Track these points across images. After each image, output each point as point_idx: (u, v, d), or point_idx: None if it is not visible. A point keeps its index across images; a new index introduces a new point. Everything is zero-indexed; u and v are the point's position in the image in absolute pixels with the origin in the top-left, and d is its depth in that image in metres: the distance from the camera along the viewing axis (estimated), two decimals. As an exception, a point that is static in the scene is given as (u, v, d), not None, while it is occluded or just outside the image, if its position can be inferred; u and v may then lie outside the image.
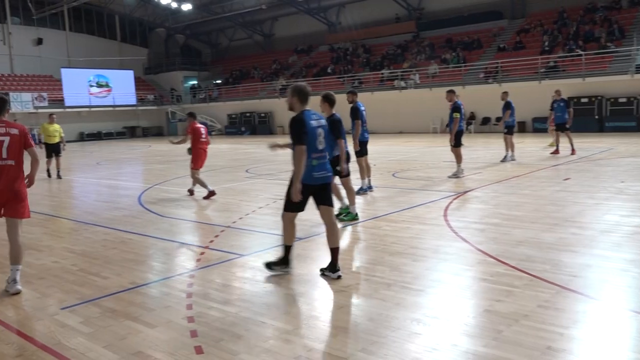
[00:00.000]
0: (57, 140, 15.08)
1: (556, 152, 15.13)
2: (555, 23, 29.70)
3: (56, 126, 15.16)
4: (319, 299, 4.73)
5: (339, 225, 6.31)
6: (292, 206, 5.10)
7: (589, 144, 15.45)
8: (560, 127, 15.11)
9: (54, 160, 15.06)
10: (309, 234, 6.85)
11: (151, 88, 45.99)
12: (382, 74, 32.96)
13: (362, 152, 9.51)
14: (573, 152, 14.77)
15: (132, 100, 42.07)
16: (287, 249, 5.25)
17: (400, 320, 4.03)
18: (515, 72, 27.22)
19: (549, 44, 28.14)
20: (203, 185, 10.07)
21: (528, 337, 3.67)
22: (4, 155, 4.91)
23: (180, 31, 49.02)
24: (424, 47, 34.00)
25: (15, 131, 4.99)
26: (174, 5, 40.45)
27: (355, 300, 4.63)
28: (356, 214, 7.68)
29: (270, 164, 15.10)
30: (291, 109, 5.24)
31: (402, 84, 31.10)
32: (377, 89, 31.64)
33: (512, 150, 14.45)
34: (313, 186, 5.06)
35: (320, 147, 5.10)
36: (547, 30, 29.41)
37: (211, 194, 10.00)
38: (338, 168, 6.85)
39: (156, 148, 27.33)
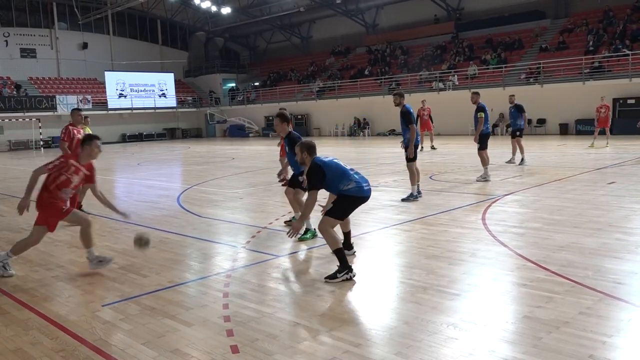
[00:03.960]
0: None
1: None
2: (601, 22, 28.81)
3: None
4: (354, 301, 4.71)
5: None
6: (339, 215, 5.31)
7: (636, 147, 14.89)
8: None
9: None
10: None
11: (191, 90, 46.89)
12: (420, 75, 32.66)
13: (415, 157, 9.26)
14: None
15: (172, 102, 42.97)
16: (339, 252, 5.18)
17: (437, 325, 3.98)
18: (558, 73, 26.55)
19: (593, 43, 27.33)
20: None
21: (569, 344, 3.56)
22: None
23: (220, 34, 49.88)
24: (463, 48, 33.52)
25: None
26: (214, 8, 41.14)
27: (390, 303, 4.59)
28: (314, 230, 6.79)
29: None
30: (302, 163, 5.55)
31: (441, 85, 30.74)
32: (414, 91, 31.37)
33: (522, 153, 13.99)
34: (363, 198, 5.36)
35: (349, 167, 5.40)
36: (591, 29, 28.56)
37: None
38: (301, 178, 6.66)
39: (195, 149, 27.81)
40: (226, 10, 41.44)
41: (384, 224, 7.58)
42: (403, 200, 9.29)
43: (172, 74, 44.11)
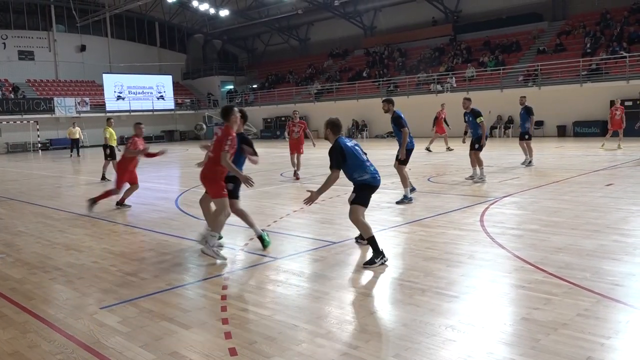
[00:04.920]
0: (114, 143, 15.86)
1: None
2: (598, 24, 28.90)
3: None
4: (352, 303, 4.71)
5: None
6: (364, 201, 5.81)
7: (634, 149, 14.91)
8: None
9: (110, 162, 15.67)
10: (341, 238, 6.85)
11: (189, 93, 46.87)
12: (418, 77, 32.70)
13: (406, 161, 9.36)
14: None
15: (171, 104, 42.94)
16: (372, 240, 5.68)
17: (435, 327, 3.98)
18: (555, 75, 26.61)
19: (590, 45, 27.40)
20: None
21: (567, 346, 3.57)
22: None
23: (218, 37, 49.91)
24: (461, 50, 33.59)
25: (220, 133, 6.10)
26: (212, 11, 41.16)
27: (388, 305, 4.59)
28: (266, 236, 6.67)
29: (305, 168, 15.16)
30: (326, 138, 5.99)
31: (439, 87, 30.78)
32: (412, 93, 31.41)
33: (531, 155, 14.04)
34: (377, 186, 5.91)
35: (365, 157, 5.88)
36: (589, 32, 28.65)
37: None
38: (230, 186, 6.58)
39: (193, 151, 27.77)
40: (224, 13, 41.45)
41: (382, 225, 7.59)
42: (397, 203, 9.30)
43: (170, 76, 44.09)
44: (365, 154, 5.97)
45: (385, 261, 5.64)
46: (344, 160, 5.67)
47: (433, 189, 11.00)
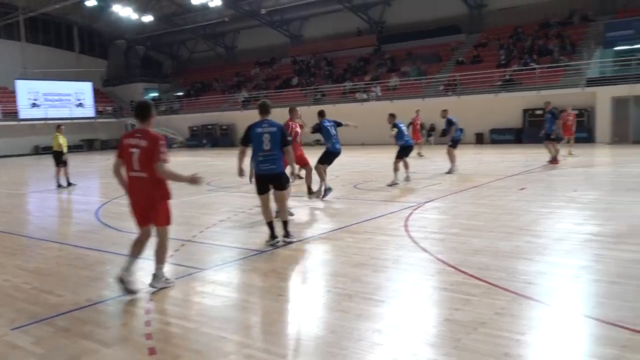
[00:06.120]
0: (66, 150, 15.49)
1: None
2: (511, 37, 30.65)
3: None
4: (280, 312, 4.70)
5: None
6: (258, 191, 6.86)
7: (544, 155, 15.91)
8: (547, 137, 15.43)
9: (62, 170, 15.34)
10: (269, 247, 6.82)
11: (110, 100, 45.14)
12: (344, 86, 33.27)
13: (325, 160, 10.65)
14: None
15: (91, 112, 41.16)
16: (270, 223, 6.84)
17: (362, 332, 4.04)
18: (473, 85, 27.91)
19: (505, 57, 29.00)
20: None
21: (486, 344, 3.73)
22: (135, 167, 5.05)
23: (141, 43, 48.44)
24: (385, 60, 34.53)
25: (144, 143, 5.01)
26: (135, 16, 39.94)
27: (317, 312, 4.62)
28: None
29: (232, 176, 14.97)
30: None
31: (364, 96, 31.45)
32: (339, 102, 31.88)
33: (454, 162, 14.63)
34: (261, 176, 6.78)
35: (266, 147, 6.69)
36: (503, 44, 30.31)
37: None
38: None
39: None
40: (148, 19, 40.37)
41: (309, 233, 7.63)
42: (322, 198, 10.36)
43: (90, 83, 42.24)
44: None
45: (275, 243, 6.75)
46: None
47: (358, 195, 11.20)
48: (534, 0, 30.99)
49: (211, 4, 37.02)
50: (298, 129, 10.21)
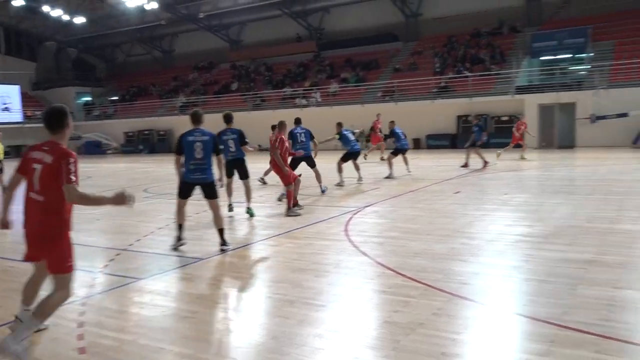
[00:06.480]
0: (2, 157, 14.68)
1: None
2: (445, 46, 31.70)
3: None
4: (220, 320, 4.64)
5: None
6: (180, 194, 7.06)
7: (476, 160, 16.53)
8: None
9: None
10: (209, 254, 6.72)
11: (40, 104, 43.05)
12: (284, 92, 33.31)
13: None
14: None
15: (18, 117, 39.15)
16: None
17: (304, 337, 4.05)
18: (411, 92, 28.62)
19: (440, 65, 29.95)
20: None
21: (424, 344, 3.83)
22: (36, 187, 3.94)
23: (73, 45, 46.51)
24: (325, 67, 34.85)
25: (49, 159, 3.89)
26: (66, 17, 38.35)
27: (258, 319, 4.59)
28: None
29: (169, 183, 14.63)
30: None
31: (304, 102, 31.61)
32: (279, 107, 31.88)
33: (391, 168, 14.92)
34: (189, 183, 6.95)
35: (198, 156, 6.82)
36: (438, 52, 31.30)
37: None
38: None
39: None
40: (80, 20, 38.92)
41: (250, 239, 7.57)
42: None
43: (17, 86, 40.16)
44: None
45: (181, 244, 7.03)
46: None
47: (299, 200, 11.20)
48: (466, 10, 32.18)
49: (147, 7, 36.14)
50: (287, 144, 10.34)
